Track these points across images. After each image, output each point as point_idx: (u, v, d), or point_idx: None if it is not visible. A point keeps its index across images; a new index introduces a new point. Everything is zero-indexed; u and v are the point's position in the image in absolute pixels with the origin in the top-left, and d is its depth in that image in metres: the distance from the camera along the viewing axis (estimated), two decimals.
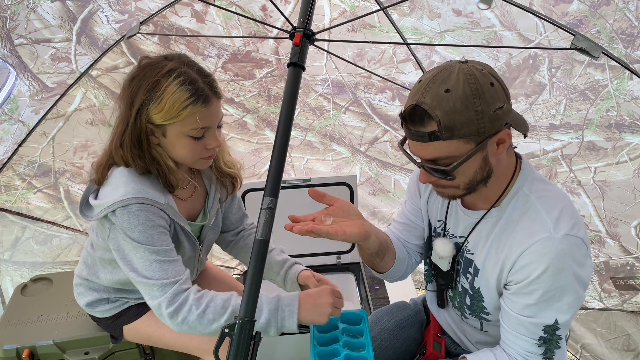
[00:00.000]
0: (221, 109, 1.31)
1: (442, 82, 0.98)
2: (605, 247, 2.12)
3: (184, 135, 1.25)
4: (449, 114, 0.97)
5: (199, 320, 1.22)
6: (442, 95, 0.97)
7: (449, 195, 1.14)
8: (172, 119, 1.22)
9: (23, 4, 1.79)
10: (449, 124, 0.97)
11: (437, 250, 1.27)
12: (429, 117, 0.98)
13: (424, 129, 1.00)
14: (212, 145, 1.30)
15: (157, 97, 1.20)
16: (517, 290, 1.08)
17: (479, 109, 0.97)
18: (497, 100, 0.99)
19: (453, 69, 1.00)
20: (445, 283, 1.30)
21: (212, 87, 1.26)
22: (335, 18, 1.95)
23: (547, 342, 1.08)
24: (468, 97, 0.97)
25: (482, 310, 1.21)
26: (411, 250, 1.43)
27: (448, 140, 0.99)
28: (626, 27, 1.56)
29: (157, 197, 1.27)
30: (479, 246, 1.17)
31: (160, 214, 1.28)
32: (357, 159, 2.57)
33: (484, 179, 1.07)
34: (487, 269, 1.15)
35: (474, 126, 0.98)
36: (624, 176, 1.94)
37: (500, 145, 1.04)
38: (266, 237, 1.14)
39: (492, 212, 1.15)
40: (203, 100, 1.22)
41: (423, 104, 0.98)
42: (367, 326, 1.28)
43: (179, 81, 1.20)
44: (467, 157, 1.01)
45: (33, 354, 1.59)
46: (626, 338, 2.20)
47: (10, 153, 2.21)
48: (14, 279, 2.44)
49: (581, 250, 1.04)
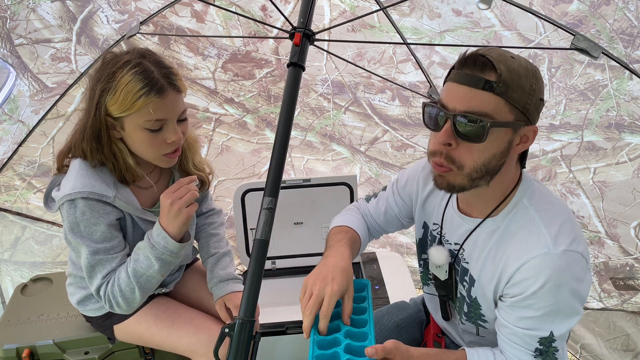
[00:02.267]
0: (182, 102, 1.28)
1: (506, 51, 1.01)
2: (604, 247, 2.12)
3: (141, 127, 1.24)
4: (511, 72, 0.97)
5: (123, 297, 1.33)
6: (508, 57, 0.99)
7: (448, 182, 1.06)
8: (127, 111, 1.21)
9: (23, 4, 1.79)
10: (508, 81, 0.96)
11: (432, 259, 1.26)
12: (491, 67, 0.97)
13: (483, 75, 0.97)
14: (171, 139, 1.27)
15: (112, 88, 1.20)
16: (512, 303, 1.07)
17: (534, 85, 0.99)
18: (542, 92, 1.02)
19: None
20: (446, 294, 1.28)
21: (170, 78, 1.23)
22: (335, 18, 1.95)
23: (543, 353, 1.07)
24: (529, 71, 0.99)
25: (480, 318, 1.20)
26: (375, 230, 1.46)
27: (498, 97, 0.97)
28: (626, 27, 1.56)
29: (104, 190, 1.28)
30: (474, 256, 1.16)
31: (106, 208, 1.29)
32: (357, 159, 2.57)
33: (492, 171, 1.03)
34: (484, 281, 1.14)
35: (525, 97, 0.98)
36: (624, 177, 1.94)
37: (522, 143, 1.03)
38: (266, 237, 1.14)
39: (488, 222, 1.13)
40: (157, 91, 1.20)
41: (489, 55, 0.98)
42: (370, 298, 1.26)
43: (133, 72, 1.19)
44: (505, 123, 0.98)
45: (33, 353, 1.60)
46: (626, 338, 2.20)
47: (10, 153, 2.21)
48: (14, 279, 2.44)
49: (580, 265, 1.02)
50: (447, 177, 1.05)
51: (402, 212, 1.40)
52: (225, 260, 1.56)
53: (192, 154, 1.46)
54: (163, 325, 1.49)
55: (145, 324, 1.50)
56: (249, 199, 2.05)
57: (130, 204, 1.34)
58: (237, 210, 2.06)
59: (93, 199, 1.26)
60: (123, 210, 1.33)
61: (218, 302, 1.50)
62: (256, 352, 1.15)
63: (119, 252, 1.34)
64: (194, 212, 1.32)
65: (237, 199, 2.03)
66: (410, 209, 1.39)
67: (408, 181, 1.37)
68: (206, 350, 1.45)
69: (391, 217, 1.42)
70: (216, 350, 1.12)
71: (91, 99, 1.25)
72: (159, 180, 1.46)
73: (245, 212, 2.06)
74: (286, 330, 1.84)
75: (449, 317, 1.34)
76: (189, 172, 1.47)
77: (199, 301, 1.64)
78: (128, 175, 1.32)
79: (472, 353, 1.15)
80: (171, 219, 1.29)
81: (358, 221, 1.41)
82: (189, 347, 1.47)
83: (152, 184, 1.42)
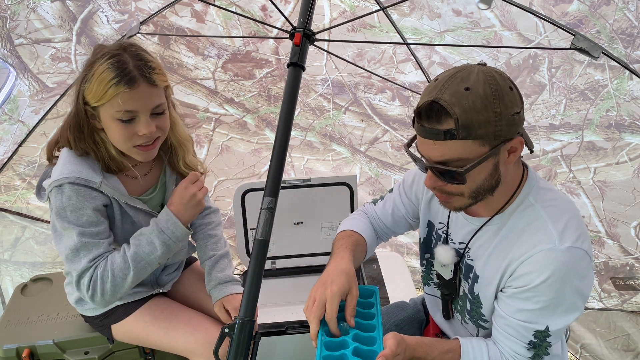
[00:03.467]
0: (157, 95, 1.28)
1: (462, 80, 0.96)
2: (605, 247, 2.12)
3: (113, 118, 1.25)
4: (468, 112, 0.94)
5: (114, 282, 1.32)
6: (462, 93, 0.95)
7: (454, 207, 1.10)
8: (100, 100, 1.23)
9: (23, 4, 1.79)
10: (467, 123, 0.94)
11: (438, 258, 1.26)
12: (447, 114, 0.95)
13: (440, 126, 0.97)
14: (142, 132, 1.27)
15: (89, 77, 1.23)
16: (513, 294, 1.08)
17: (498, 110, 0.95)
18: (515, 105, 0.98)
19: (472, 69, 0.98)
20: (449, 293, 1.28)
21: (143, 71, 1.23)
22: (335, 18, 1.95)
23: (537, 347, 1.08)
24: (488, 97, 0.95)
25: (480, 317, 1.20)
26: (383, 233, 1.45)
27: (463, 140, 0.96)
28: (626, 27, 1.56)
29: (91, 176, 1.29)
30: (480, 253, 1.16)
31: (93, 193, 1.30)
32: (357, 159, 2.57)
33: (491, 188, 1.05)
34: (487, 277, 1.14)
35: (492, 128, 0.96)
36: (624, 176, 1.94)
37: (511, 154, 1.02)
38: (266, 237, 1.14)
39: (495, 219, 1.13)
40: (127, 82, 1.21)
41: (441, 100, 0.95)
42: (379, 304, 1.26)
43: (109, 62, 1.21)
44: (481, 160, 0.98)
45: (33, 353, 1.59)
46: (626, 338, 2.20)
47: (10, 153, 2.21)
48: (14, 279, 2.44)
49: (584, 262, 1.03)
50: (451, 203, 1.09)
51: (410, 213, 1.40)
52: (223, 262, 1.56)
53: (183, 152, 1.46)
54: (160, 325, 1.49)
55: (142, 323, 1.50)
56: (249, 199, 2.04)
57: (117, 190, 1.35)
58: (237, 210, 2.06)
59: (79, 184, 1.28)
60: (110, 197, 1.34)
61: (217, 305, 1.50)
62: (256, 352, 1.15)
63: (105, 239, 1.35)
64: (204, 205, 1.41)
65: (237, 199, 2.03)
66: (417, 208, 1.39)
67: (414, 180, 1.37)
68: (203, 350, 1.44)
69: (399, 217, 1.42)
70: (216, 350, 1.12)
71: (75, 88, 1.28)
72: (148, 172, 1.46)
73: (245, 212, 2.06)
74: (286, 330, 1.84)
75: (450, 316, 1.34)
76: (179, 170, 1.47)
77: (198, 302, 1.64)
78: (112, 164, 1.34)
79: (466, 342, 1.15)
80: (189, 208, 1.37)
81: (363, 224, 1.40)
82: (186, 347, 1.47)
83: (138, 175, 1.42)
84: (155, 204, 1.49)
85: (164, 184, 1.49)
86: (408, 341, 1.10)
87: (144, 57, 1.26)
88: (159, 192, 1.48)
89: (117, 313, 1.52)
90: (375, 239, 1.43)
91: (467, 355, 1.13)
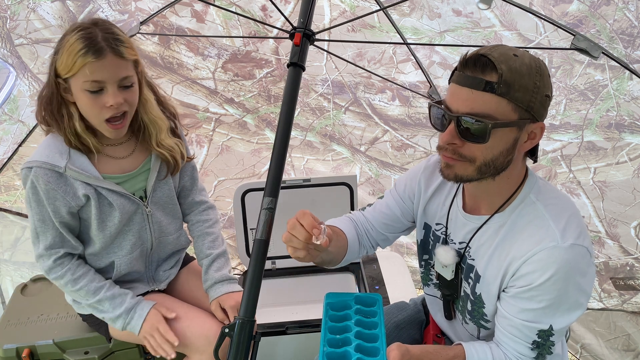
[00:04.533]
0: (125, 68, 1.29)
1: (510, 49, 1.00)
2: (605, 247, 2.12)
3: (82, 89, 1.27)
4: (513, 72, 0.97)
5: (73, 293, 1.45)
6: (510, 55, 0.98)
7: (455, 174, 1.07)
8: (69, 72, 1.25)
9: (23, 4, 1.79)
10: (509, 81, 0.96)
11: (439, 259, 1.25)
12: (493, 68, 0.97)
13: (484, 76, 0.98)
14: (109, 103, 1.28)
15: (59, 49, 1.26)
16: (516, 294, 1.08)
17: (538, 83, 0.99)
18: (550, 89, 1.02)
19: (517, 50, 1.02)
20: (451, 293, 1.28)
21: (111, 42, 1.26)
22: (335, 18, 1.95)
23: (540, 346, 1.08)
24: (532, 68, 0.99)
25: (482, 317, 1.20)
26: (367, 240, 1.40)
27: (500, 97, 0.97)
28: (626, 27, 1.56)
29: (56, 160, 1.31)
30: (481, 252, 1.16)
31: (58, 179, 1.32)
32: (357, 159, 2.57)
33: (500, 167, 1.04)
34: (489, 276, 1.14)
35: (528, 96, 0.98)
36: (624, 176, 1.94)
37: (529, 140, 1.04)
38: (266, 237, 1.14)
39: (495, 218, 1.13)
40: (94, 52, 1.23)
41: (490, 55, 0.98)
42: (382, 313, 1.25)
43: (78, 35, 1.24)
44: (508, 123, 0.99)
45: (33, 353, 1.59)
46: (626, 338, 2.20)
47: (10, 153, 2.21)
48: (14, 279, 2.44)
49: (585, 259, 1.03)
50: (455, 167, 1.06)
51: (404, 213, 1.39)
52: (219, 261, 1.56)
53: (155, 131, 1.45)
54: None
55: None
56: (249, 199, 2.04)
57: (85, 172, 1.34)
58: (237, 210, 2.06)
59: (45, 168, 1.30)
60: (81, 181, 1.34)
61: (213, 304, 1.50)
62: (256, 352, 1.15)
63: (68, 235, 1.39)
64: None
65: (237, 199, 2.03)
66: (412, 210, 1.38)
67: (407, 185, 1.36)
68: (199, 346, 1.44)
69: (392, 218, 1.38)
70: (216, 350, 1.12)
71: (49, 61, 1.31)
72: (130, 154, 1.45)
73: (245, 212, 2.06)
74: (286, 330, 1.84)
75: (452, 316, 1.34)
76: (152, 149, 1.46)
77: (195, 300, 1.63)
78: (74, 140, 1.34)
79: (470, 349, 1.15)
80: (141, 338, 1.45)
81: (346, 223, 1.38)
82: (183, 343, 1.47)
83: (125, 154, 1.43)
84: (138, 188, 1.47)
85: (148, 170, 1.47)
86: (412, 351, 1.09)
87: (112, 31, 1.28)
88: (141, 177, 1.47)
89: None
90: (357, 242, 1.38)
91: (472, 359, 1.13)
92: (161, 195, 1.51)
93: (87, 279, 1.43)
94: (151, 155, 1.48)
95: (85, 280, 1.42)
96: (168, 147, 1.47)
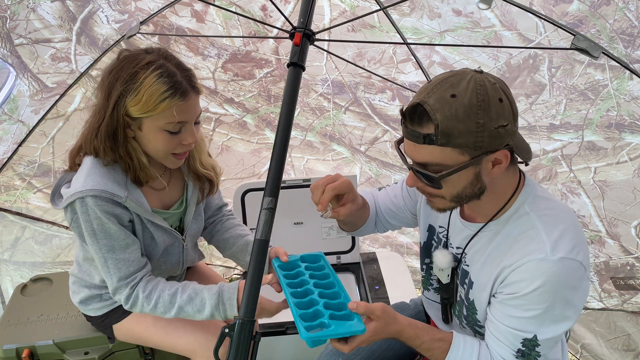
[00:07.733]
0: (199, 104, 1.30)
1: (451, 86, 0.96)
2: (605, 247, 2.12)
3: (160, 129, 1.24)
4: (449, 119, 0.94)
5: (153, 311, 1.35)
6: (447, 100, 0.94)
7: (437, 207, 1.10)
8: (149, 112, 1.21)
9: (23, 4, 1.79)
10: (447, 130, 0.94)
11: (436, 262, 1.26)
12: (428, 119, 0.96)
13: (421, 129, 0.97)
14: (188, 141, 1.29)
15: (135, 89, 1.20)
16: (503, 300, 1.08)
17: (481, 121, 0.94)
18: (502, 117, 0.96)
19: (465, 76, 0.97)
20: (448, 297, 1.28)
21: (191, 81, 1.25)
22: (335, 18, 1.95)
23: (525, 355, 1.07)
24: (472, 107, 0.94)
25: (476, 323, 1.20)
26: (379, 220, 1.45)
27: (442, 147, 0.96)
28: (626, 27, 1.56)
29: (116, 190, 1.27)
30: (475, 259, 1.16)
31: (116, 210, 1.28)
32: (357, 159, 2.57)
33: (474, 195, 1.05)
34: (481, 283, 1.14)
35: (472, 138, 0.95)
36: (624, 176, 1.94)
37: (495, 165, 1.01)
38: (266, 237, 1.14)
39: (490, 226, 1.13)
40: (181, 94, 1.22)
41: (426, 104, 0.95)
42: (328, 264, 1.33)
43: (157, 74, 1.20)
44: (458, 169, 0.98)
45: (33, 353, 1.59)
46: (626, 338, 2.20)
47: (10, 153, 2.21)
48: (14, 279, 2.44)
49: (577, 273, 1.02)
50: (434, 202, 1.10)
51: (408, 206, 1.41)
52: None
53: (199, 154, 1.46)
54: (162, 325, 1.49)
55: (144, 323, 1.50)
56: (249, 199, 2.05)
57: (141, 206, 1.33)
58: (237, 210, 2.06)
59: (104, 197, 1.25)
60: (132, 212, 1.33)
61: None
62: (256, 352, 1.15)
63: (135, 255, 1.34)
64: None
65: (237, 199, 2.03)
66: (414, 207, 1.40)
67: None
68: (204, 350, 1.45)
69: (397, 207, 1.42)
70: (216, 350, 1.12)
71: (107, 98, 1.24)
72: (169, 182, 1.45)
73: (245, 212, 2.06)
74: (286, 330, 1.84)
75: (449, 320, 1.34)
76: (197, 171, 1.46)
77: None
78: (142, 174, 1.32)
79: (459, 337, 1.15)
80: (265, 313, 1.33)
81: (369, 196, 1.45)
82: (187, 347, 1.47)
83: (165, 185, 1.42)
84: (175, 220, 1.48)
85: (187, 200, 1.48)
86: (399, 318, 1.11)
87: (185, 67, 1.27)
88: (178, 207, 1.48)
89: (119, 313, 1.52)
90: (374, 217, 1.44)
91: (457, 348, 1.13)
92: (196, 228, 1.54)
93: (158, 289, 1.34)
94: (187, 186, 1.47)
95: (157, 292, 1.34)
96: (209, 167, 1.48)
